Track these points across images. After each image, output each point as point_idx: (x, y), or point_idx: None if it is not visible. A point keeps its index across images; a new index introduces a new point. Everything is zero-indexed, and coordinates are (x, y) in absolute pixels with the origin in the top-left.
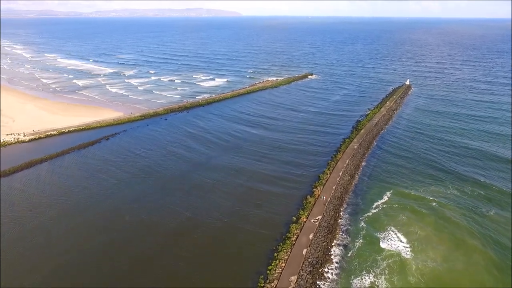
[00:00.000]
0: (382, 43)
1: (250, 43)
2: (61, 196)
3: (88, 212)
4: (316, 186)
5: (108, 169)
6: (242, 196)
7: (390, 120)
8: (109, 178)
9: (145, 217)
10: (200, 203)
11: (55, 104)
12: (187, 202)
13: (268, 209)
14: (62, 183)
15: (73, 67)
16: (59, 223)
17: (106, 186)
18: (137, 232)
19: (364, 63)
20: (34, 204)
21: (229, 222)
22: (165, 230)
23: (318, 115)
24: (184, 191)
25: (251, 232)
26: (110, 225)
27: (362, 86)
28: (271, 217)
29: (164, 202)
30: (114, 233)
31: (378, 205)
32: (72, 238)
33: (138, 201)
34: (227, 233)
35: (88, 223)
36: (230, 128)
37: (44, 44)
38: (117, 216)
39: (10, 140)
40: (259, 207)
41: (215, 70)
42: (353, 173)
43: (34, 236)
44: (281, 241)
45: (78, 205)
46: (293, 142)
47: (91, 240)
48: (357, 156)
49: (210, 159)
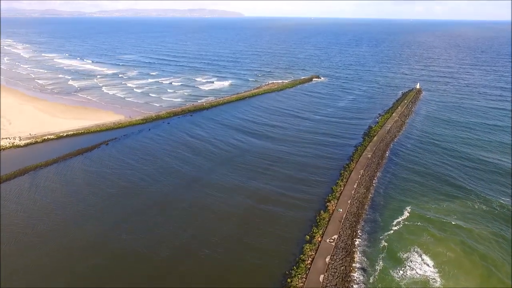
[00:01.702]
0: (387, 45)
1: (253, 44)
2: (43, 214)
3: (67, 236)
4: (330, 200)
5: (100, 182)
6: (247, 213)
7: (402, 127)
8: (99, 193)
9: (132, 243)
10: (199, 223)
11: (55, 106)
12: (183, 223)
13: (278, 226)
14: (46, 198)
15: (73, 67)
16: (35, 249)
17: (93, 202)
18: (122, 261)
19: (370, 66)
20: (11, 224)
21: (234, 241)
22: (155, 259)
23: (327, 121)
24: (180, 210)
25: (260, 253)
26: (92, 252)
27: (370, 90)
28: (281, 235)
29: (155, 224)
30: (99, 260)
31: (398, 222)
32: (49, 266)
33: (126, 221)
34: (233, 254)
35: (67, 249)
36: (232, 136)
37: (45, 43)
38: (101, 242)
39: (5, 145)
40: (268, 224)
41: (219, 72)
42: (368, 185)
43: (8, 262)
44: (294, 264)
45: (58, 227)
46: (301, 151)
47: (69, 269)
48: (371, 166)
49: (210, 172)
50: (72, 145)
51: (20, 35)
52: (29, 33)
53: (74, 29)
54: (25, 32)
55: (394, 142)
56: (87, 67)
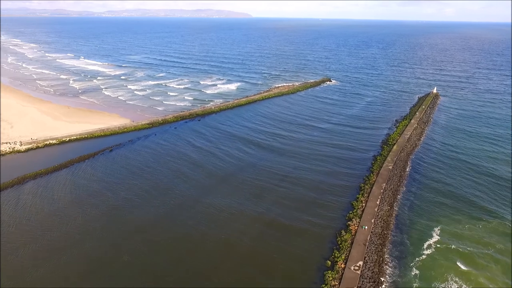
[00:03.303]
0: (398, 48)
1: (261, 46)
2: (37, 231)
3: (63, 258)
4: (351, 218)
5: (102, 193)
6: (260, 234)
7: (422, 135)
8: (101, 205)
9: (129, 270)
10: (197, 259)
11: (59, 108)
12: (174, 259)
13: (294, 250)
14: (42, 212)
15: (78, 68)
16: (25, 273)
17: (95, 215)
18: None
19: (382, 68)
20: (9, 238)
21: (243, 273)
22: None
23: (341, 128)
24: (169, 241)
25: (275, 281)
26: (89, 273)
27: (384, 94)
28: (298, 259)
29: (158, 243)
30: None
31: (429, 245)
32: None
33: (127, 239)
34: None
35: (61, 274)
36: (238, 147)
37: (51, 43)
38: (99, 262)
39: (4, 150)
40: (282, 248)
41: (226, 75)
42: (392, 201)
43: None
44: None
45: (52, 247)
46: (314, 162)
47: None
48: (393, 179)
49: (210, 191)
50: (75, 151)
51: (28, 35)
52: (36, 33)
53: (81, 29)
54: (33, 31)
55: (415, 152)
56: (92, 68)
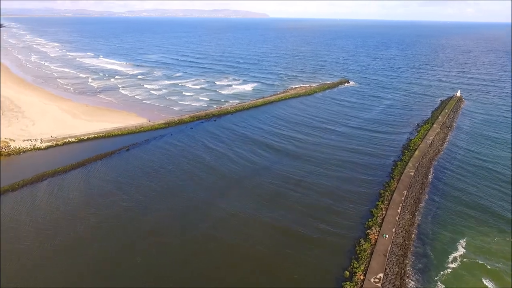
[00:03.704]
0: (419, 49)
1: (278, 46)
2: (51, 230)
3: (79, 256)
4: (370, 226)
5: (115, 193)
6: (274, 241)
7: (445, 140)
8: (113, 206)
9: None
10: (206, 265)
11: (78, 106)
12: (200, 251)
13: (310, 258)
14: (58, 211)
15: (97, 67)
16: (36, 273)
17: (108, 216)
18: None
19: (402, 70)
20: (16, 240)
21: (258, 277)
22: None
23: (359, 131)
24: (176, 247)
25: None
26: (102, 273)
27: (404, 97)
28: (315, 268)
29: (170, 245)
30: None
31: (454, 259)
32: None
33: (139, 241)
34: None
35: (78, 268)
36: (252, 150)
37: (72, 42)
38: (111, 264)
39: (26, 147)
40: (299, 253)
41: (242, 75)
42: (414, 209)
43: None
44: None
45: (65, 247)
46: (331, 167)
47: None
48: (415, 186)
49: (223, 195)
50: (92, 149)
51: (51, 34)
52: (59, 32)
53: (101, 29)
54: (56, 31)
55: (437, 158)
56: (110, 67)
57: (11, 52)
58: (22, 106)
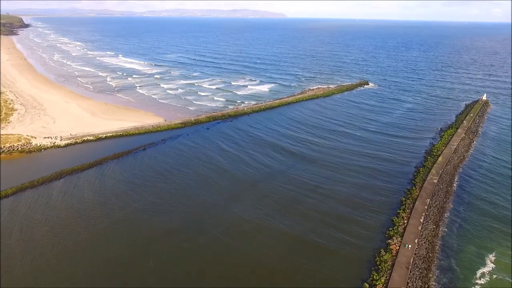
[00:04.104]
0: (441, 50)
1: (296, 46)
2: (65, 230)
3: (88, 259)
4: (391, 236)
5: (129, 194)
6: (288, 250)
7: (471, 147)
8: (126, 208)
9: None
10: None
11: (97, 105)
12: (212, 257)
13: (327, 267)
14: (73, 210)
15: (116, 66)
16: (49, 274)
17: (120, 218)
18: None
19: (424, 72)
20: (31, 239)
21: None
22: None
23: (379, 135)
24: (184, 252)
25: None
26: (113, 276)
27: (427, 100)
28: (332, 278)
29: (181, 250)
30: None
31: (482, 274)
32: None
33: (151, 245)
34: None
35: (90, 271)
36: (267, 153)
37: (93, 42)
38: (122, 267)
39: (46, 144)
40: (315, 263)
41: (259, 76)
42: (438, 220)
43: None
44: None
45: (78, 247)
46: (351, 169)
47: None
48: (439, 194)
49: (234, 201)
50: (110, 148)
51: (74, 33)
52: (81, 32)
53: (122, 28)
54: (78, 30)
55: (462, 165)
56: (129, 66)
57: (36, 51)
58: (45, 104)
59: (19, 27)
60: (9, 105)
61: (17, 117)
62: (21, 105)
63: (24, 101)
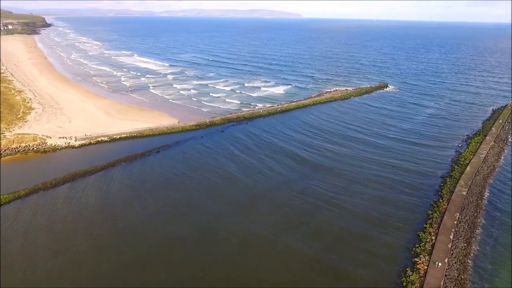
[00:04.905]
0: (463, 52)
1: (312, 47)
2: (68, 238)
3: (99, 268)
4: (419, 254)
5: (136, 200)
6: (301, 269)
7: (501, 155)
8: (133, 214)
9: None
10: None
11: (112, 105)
12: (218, 278)
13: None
14: (79, 216)
15: (131, 65)
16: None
17: (126, 227)
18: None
19: (446, 76)
20: (32, 249)
21: None
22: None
23: (400, 142)
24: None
25: None
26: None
27: (450, 105)
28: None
29: (186, 263)
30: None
31: None
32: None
33: (158, 257)
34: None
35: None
36: (280, 160)
37: (111, 41)
38: (130, 277)
39: (61, 144)
40: (332, 284)
41: (275, 77)
42: (469, 237)
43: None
44: None
45: (83, 254)
46: (370, 180)
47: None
48: (469, 208)
49: (238, 213)
50: (123, 150)
51: (92, 33)
52: (99, 31)
53: (139, 28)
54: (97, 30)
55: (493, 176)
56: (143, 66)
57: (56, 50)
58: (62, 103)
59: (42, 26)
60: (27, 104)
61: (34, 116)
62: (39, 104)
63: (42, 100)
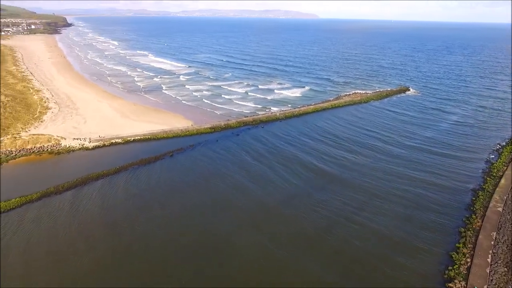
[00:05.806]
0: (488, 55)
1: (329, 48)
2: (74, 248)
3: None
4: (452, 278)
5: (141, 211)
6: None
7: None
8: (135, 228)
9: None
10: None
11: (127, 105)
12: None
13: None
14: (85, 223)
15: (145, 65)
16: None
17: (133, 237)
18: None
19: (470, 79)
20: (31, 258)
21: None
22: None
23: (424, 152)
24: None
25: None
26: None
27: (477, 111)
28: None
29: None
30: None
31: None
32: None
33: (158, 274)
34: None
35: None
36: (294, 169)
37: (127, 41)
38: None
39: (75, 146)
40: None
41: (291, 80)
42: (509, 260)
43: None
44: None
45: (81, 271)
46: (393, 194)
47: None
48: (507, 226)
49: (244, 230)
50: (137, 153)
51: (109, 33)
52: (116, 31)
53: (155, 28)
54: (113, 29)
55: None
56: (157, 66)
57: (74, 49)
58: (78, 103)
59: (63, 26)
60: (44, 103)
61: (50, 116)
62: (55, 103)
63: (59, 100)
